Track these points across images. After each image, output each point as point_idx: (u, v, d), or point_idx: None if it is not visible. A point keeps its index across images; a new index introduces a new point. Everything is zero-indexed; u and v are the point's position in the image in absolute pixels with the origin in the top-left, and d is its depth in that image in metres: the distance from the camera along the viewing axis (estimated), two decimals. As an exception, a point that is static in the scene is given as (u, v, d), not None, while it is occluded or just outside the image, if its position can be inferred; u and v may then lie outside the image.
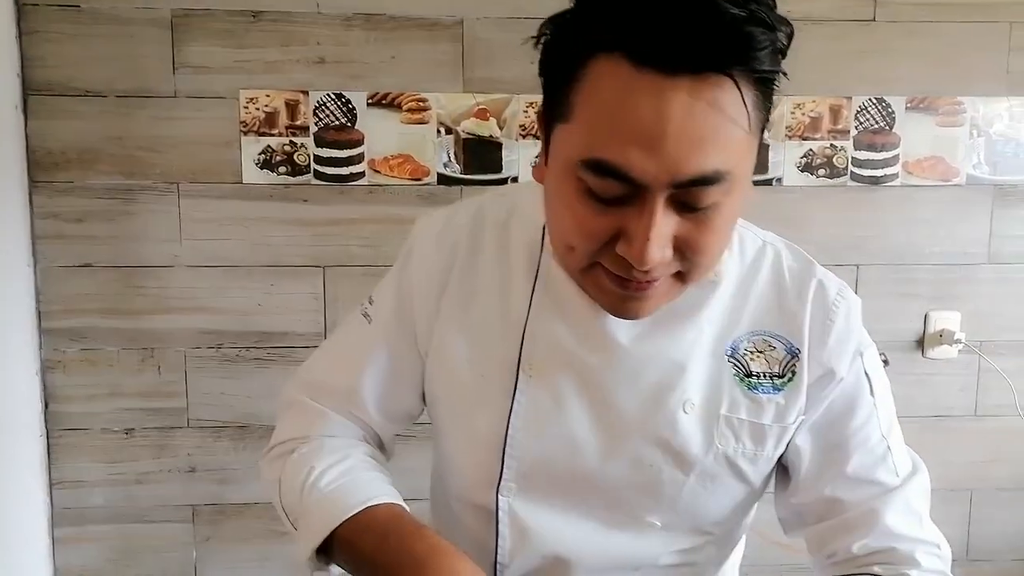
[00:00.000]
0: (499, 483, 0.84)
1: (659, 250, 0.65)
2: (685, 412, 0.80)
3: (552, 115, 0.70)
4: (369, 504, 0.79)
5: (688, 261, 0.69)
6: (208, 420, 1.85)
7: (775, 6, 0.63)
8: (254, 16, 1.73)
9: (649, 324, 0.80)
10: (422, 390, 0.92)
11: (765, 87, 0.65)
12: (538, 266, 0.84)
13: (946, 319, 1.93)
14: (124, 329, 1.81)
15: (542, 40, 0.70)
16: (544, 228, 0.83)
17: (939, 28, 1.84)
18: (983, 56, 1.86)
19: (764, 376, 0.82)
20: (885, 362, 0.87)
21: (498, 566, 0.87)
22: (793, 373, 0.82)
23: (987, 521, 2.02)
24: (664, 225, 0.65)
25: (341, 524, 0.78)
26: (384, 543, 0.75)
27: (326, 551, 0.80)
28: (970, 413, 1.98)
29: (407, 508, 0.82)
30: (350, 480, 0.83)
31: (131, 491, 1.86)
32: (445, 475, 0.93)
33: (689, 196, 0.64)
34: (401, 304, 0.90)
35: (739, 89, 0.61)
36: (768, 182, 1.86)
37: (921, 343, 1.94)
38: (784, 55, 0.65)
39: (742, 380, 0.81)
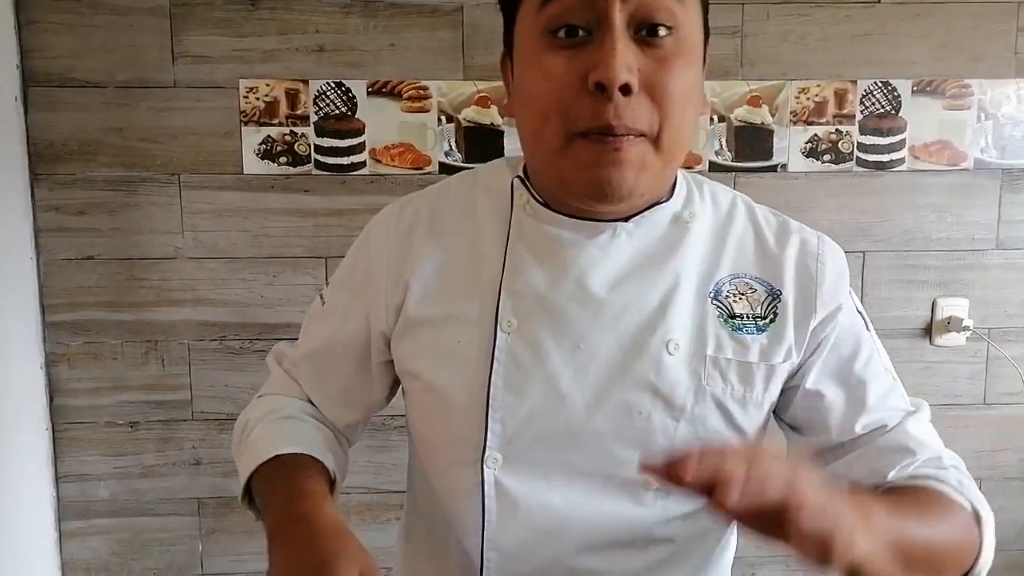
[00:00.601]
0: (483, 455, 0.82)
1: (624, 68, 0.70)
2: (670, 353, 0.81)
3: (512, 8, 0.78)
4: (273, 455, 0.85)
5: (656, 110, 0.72)
6: (212, 412, 1.85)
7: None
8: (252, 4, 1.72)
9: (625, 270, 0.82)
10: (361, 377, 0.94)
11: None
12: (510, 221, 0.85)
13: (954, 306, 1.91)
14: (127, 322, 1.81)
15: None
16: (512, 184, 0.85)
17: (945, 9, 1.82)
18: (990, 37, 1.83)
19: (748, 318, 0.83)
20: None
21: (485, 546, 0.85)
22: (775, 315, 0.83)
23: (996, 510, 1.93)
24: (625, 47, 0.71)
25: (254, 472, 0.85)
26: (269, 495, 0.82)
27: None
28: (979, 401, 1.96)
29: (318, 455, 0.87)
30: (268, 432, 0.89)
31: (136, 484, 1.87)
32: (424, 460, 0.92)
33: (644, 10, 0.71)
34: (353, 287, 0.92)
35: None
36: (773, 168, 1.84)
37: (929, 330, 1.92)
38: None
39: (727, 322, 0.83)
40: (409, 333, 0.87)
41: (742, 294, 0.83)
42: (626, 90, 0.70)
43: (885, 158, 1.86)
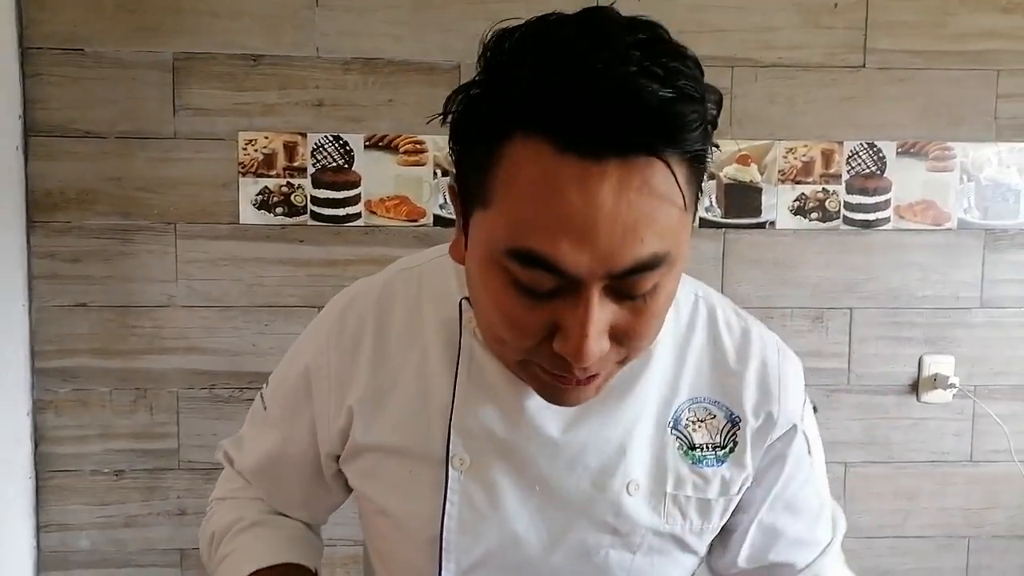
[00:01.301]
0: None
1: (597, 344, 0.60)
2: (629, 494, 0.77)
3: (469, 198, 0.65)
4: (252, 571, 0.84)
5: (626, 347, 0.65)
6: (199, 462, 1.83)
7: (703, 74, 0.59)
8: (254, 60, 1.76)
9: (580, 409, 0.76)
10: (313, 484, 0.90)
11: (697, 163, 0.60)
12: (459, 348, 0.78)
13: (940, 363, 1.93)
14: (117, 369, 1.80)
15: (451, 114, 0.65)
16: (461, 304, 0.78)
17: (927, 75, 1.87)
18: (971, 103, 1.89)
19: (708, 447, 0.79)
20: (814, 408, 0.88)
21: None
22: (735, 443, 0.80)
23: (985, 569, 1.99)
24: (601, 317, 0.60)
25: None
26: None
27: None
28: (966, 458, 1.97)
29: (293, 560, 0.86)
30: (236, 549, 0.87)
31: (119, 534, 1.84)
32: (377, 568, 0.90)
33: (626, 285, 0.60)
34: (293, 399, 0.86)
35: (671, 169, 0.57)
36: (761, 225, 1.87)
37: (916, 387, 1.94)
38: (715, 126, 0.61)
39: (686, 454, 0.79)
40: (358, 458, 0.82)
41: (701, 421, 0.79)
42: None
43: (871, 217, 1.89)
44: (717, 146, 0.64)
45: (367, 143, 1.80)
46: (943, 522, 1.97)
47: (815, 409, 0.87)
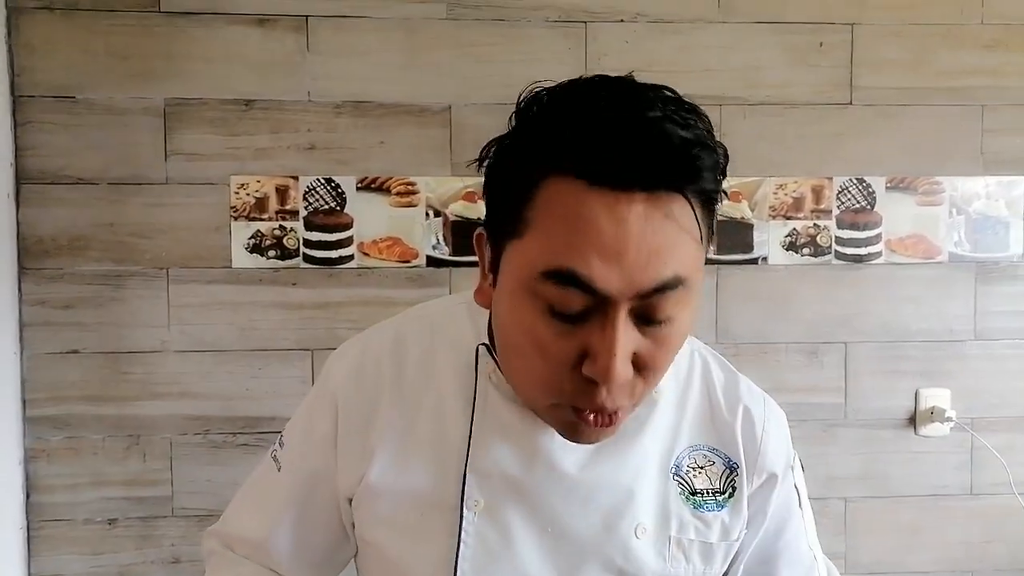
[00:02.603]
0: None
1: (624, 365, 0.65)
2: (637, 537, 0.80)
3: (503, 233, 0.70)
4: None
5: (643, 378, 0.69)
6: (193, 508, 1.81)
7: (712, 129, 0.68)
8: (246, 104, 1.77)
9: (594, 449, 0.79)
10: (345, 534, 0.89)
11: (710, 203, 0.68)
12: (475, 392, 0.81)
13: (936, 396, 1.92)
14: (109, 416, 1.79)
15: (485, 162, 0.72)
16: (477, 349, 0.82)
17: (914, 111, 1.89)
18: (958, 137, 1.91)
19: (708, 493, 0.83)
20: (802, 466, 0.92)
21: None
22: (734, 488, 0.84)
23: (989, 604, 1.97)
24: (627, 340, 0.65)
25: None
26: None
27: None
28: (966, 492, 1.95)
29: None
30: None
31: (111, 585, 1.81)
32: None
33: (649, 306, 0.65)
34: (315, 450, 0.86)
35: (690, 204, 0.64)
36: (754, 260, 1.88)
37: (913, 420, 1.93)
38: (724, 174, 0.69)
39: (688, 499, 0.82)
40: (369, 500, 0.83)
41: (701, 467, 0.83)
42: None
43: (863, 251, 1.90)
44: (727, 193, 0.70)
45: (359, 185, 1.80)
46: (945, 556, 1.96)
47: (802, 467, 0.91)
